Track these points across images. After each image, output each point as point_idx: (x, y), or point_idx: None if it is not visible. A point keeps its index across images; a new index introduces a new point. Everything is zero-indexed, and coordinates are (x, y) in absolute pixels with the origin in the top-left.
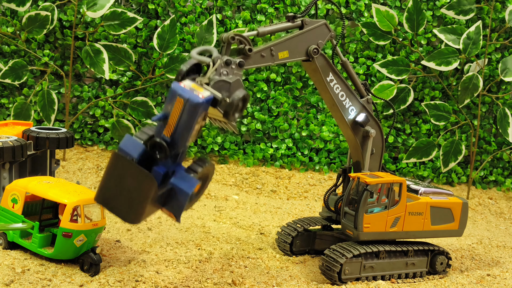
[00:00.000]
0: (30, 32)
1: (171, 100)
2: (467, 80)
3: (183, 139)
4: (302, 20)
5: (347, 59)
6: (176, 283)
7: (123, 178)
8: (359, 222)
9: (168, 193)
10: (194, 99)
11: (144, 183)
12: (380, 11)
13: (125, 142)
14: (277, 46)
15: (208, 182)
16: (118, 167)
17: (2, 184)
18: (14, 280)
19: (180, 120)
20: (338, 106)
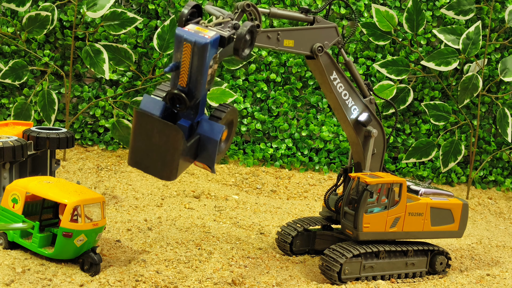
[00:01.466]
0: (30, 32)
1: (178, 47)
2: (466, 80)
3: (199, 85)
4: (314, 17)
5: (350, 59)
6: (176, 283)
7: (150, 135)
8: (359, 222)
9: (197, 145)
10: (201, 40)
11: (171, 135)
12: (379, 11)
13: (145, 101)
14: (284, 33)
15: (235, 128)
16: (143, 125)
17: (2, 184)
18: (14, 280)
19: (192, 66)
20: (341, 105)
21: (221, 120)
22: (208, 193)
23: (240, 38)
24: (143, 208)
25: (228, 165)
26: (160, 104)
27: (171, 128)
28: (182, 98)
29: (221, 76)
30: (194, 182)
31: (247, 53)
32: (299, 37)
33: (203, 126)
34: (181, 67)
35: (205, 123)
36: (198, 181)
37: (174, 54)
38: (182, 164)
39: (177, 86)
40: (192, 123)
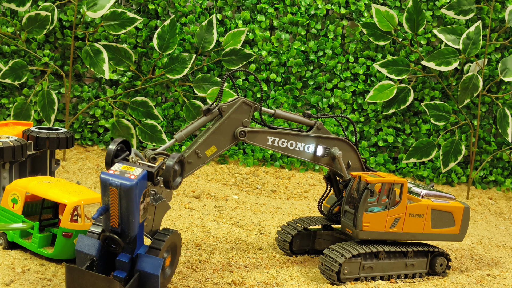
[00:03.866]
0: (30, 32)
1: (105, 191)
2: (467, 80)
3: (132, 224)
4: (218, 109)
5: (275, 109)
6: (176, 283)
7: None
8: (359, 221)
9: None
10: (126, 183)
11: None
12: (380, 11)
13: (80, 243)
14: (201, 147)
15: (179, 250)
16: (75, 279)
17: (2, 184)
18: (14, 280)
19: (121, 208)
20: (293, 155)
21: (159, 252)
22: (208, 193)
23: (168, 169)
24: None
25: (228, 165)
26: (96, 243)
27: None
28: (116, 240)
29: (221, 76)
30: (194, 182)
31: (178, 181)
32: (217, 138)
33: (142, 262)
34: (111, 210)
35: (144, 258)
36: (198, 181)
37: (102, 197)
38: None
39: (109, 227)
40: (131, 256)
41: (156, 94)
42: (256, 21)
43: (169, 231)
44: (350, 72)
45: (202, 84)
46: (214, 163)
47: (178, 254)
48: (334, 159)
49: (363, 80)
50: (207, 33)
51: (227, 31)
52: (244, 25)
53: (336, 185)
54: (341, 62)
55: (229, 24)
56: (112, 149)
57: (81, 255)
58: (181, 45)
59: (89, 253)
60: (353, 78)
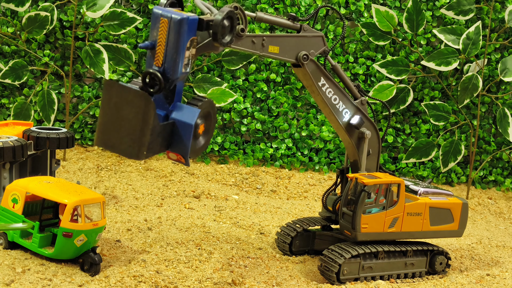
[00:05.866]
0: (30, 32)
1: (155, 24)
2: (466, 80)
3: (175, 65)
4: (301, 25)
5: (336, 63)
6: (176, 283)
7: (119, 107)
8: (357, 223)
9: (171, 131)
10: (178, 15)
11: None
12: (379, 12)
13: None
14: (270, 39)
15: (214, 122)
16: (112, 96)
17: (2, 184)
18: (14, 280)
19: (168, 43)
20: (332, 110)
21: (197, 106)
22: (208, 193)
23: (217, 23)
24: (143, 208)
25: (228, 165)
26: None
27: (142, 97)
28: (157, 77)
29: (221, 76)
30: (194, 182)
31: (227, 40)
32: (284, 44)
33: (177, 111)
34: (157, 46)
35: (179, 108)
36: (198, 181)
37: (150, 33)
38: (153, 144)
39: (152, 66)
40: (167, 113)
41: None
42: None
43: (205, 98)
44: (350, 72)
45: (202, 84)
46: (214, 163)
47: (213, 125)
48: (361, 140)
49: (362, 80)
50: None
51: None
52: None
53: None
54: (341, 62)
55: None
56: (163, 2)
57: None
58: None
59: None
60: (353, 78)
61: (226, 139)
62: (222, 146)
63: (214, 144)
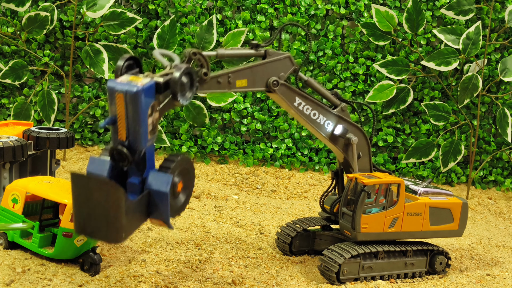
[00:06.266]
0: (30, 32)
1: (112, 100)
2: (466, 80)
3: (139, 136)
4: (265, 50)
5: (308, 77)
6: (176, 283)
7: (89, 197)
8: (357, 223)
9: (148, 201)
10: (132, 88)
11: (110, 193)
12: (379, 12)
13: (91, 164)
14: (235, 74)
15: (193, 176)
16: (79, 187)
17: (2, 184)
18: (14, 280)
19: (128, 116)
20: (313, 125)
21: (170, 170)
22: (208, 193)
23: (175, 81)
24: None
25: (228, 165)
26: (106, 164)
27: (109, 185)
28: (123, 153)
29: None
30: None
31: (188, 96)
32: (251, 75)
33: (150, 180)
34: (118, 121)
35: (152, 176)
36: (198, 181)
37: (109, 108)
38: (131, 224)
39: (117, 141)
40: (142, 179)
41: None
42: (256, 21)
43: (178, 155)
44: (350, 72)
45: None
46: (214, 163)
47: (192, 181)
48: (348, 146)
49: (363, 80)
50: (207, 33)
51: (227, 31)
52: (244, 25)
53: (342, 181)
54: (341, 62)
55: (229, 24)
56: (120, 64)
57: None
58: (181, 45)
59: (99, 174)
60: (353, 78)
61: (226, 139)
62: (222, 146)
63: (214, 144)
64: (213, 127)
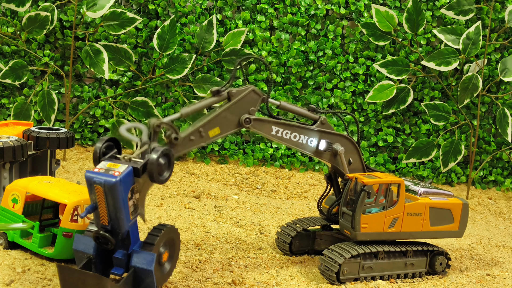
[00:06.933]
0: (30, 32)
1: (91, 190)
2: (466, 80)
3: (121, 221)
4: (228, 92)
5: (280, 101)
6: (176, 283)
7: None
8: (357, 223)
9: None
10: (110, 180)
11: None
12: (379, 12)
13: (77, 242)
14: (205, 126)
15: (178, 245)
16: (66, 277)
17: (2, 184)
18: (14, 280)
19: (109, 205)
20: (297, 147)
21: (154, 247)
22: (208, 193)
23: (153, 163)
24: None
25: (228, 165)
26: (92, 242)
27: (95, 278)
28: (107, 238)
29: (221, 76)
30: (194, 182)
31: (166, 176)
32: (222, 121)
33: (134, 258)
34: (99, 208)
35: (137, 254)
36: (198, 181)
37: (89, 195)
38: None
39: (100, 226)
40: (127, 253)
41: (156, 94)
42: (256, 21)
43: (164, 226)
44: (350, 72)
45: (202, 84)
46: (214, 163)
47: (177, 249)
48: (336, 155)
49: (363, 80)
50: (207, 33)
51: (227, 31)
52: (244, 25)
53: (337, 184)
54: (341, 62)
55: (229, 24)
56: (99, 147)
57: (79, 254)
58: (181, 45)
59: (86, 251)
60: (353, 78)
61: (226, 139)
62: (222, 146)
63: (214, 144)
64: None
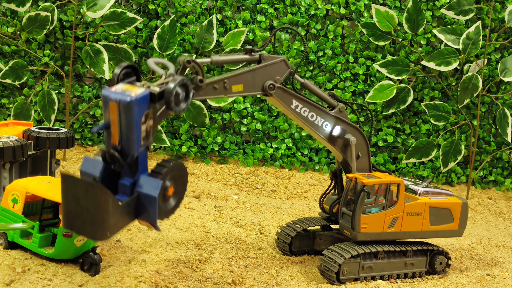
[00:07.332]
0: (30, 32)
1: (106, 107)
2: (466, 80)
3: (132, 143)
4: (260, 55)
5: (305, 79)
6: (176, 283)
7: (78, 197)
8: (356, 223)
9: (137, 203)
10: (125, 99)
11: (98, 196)
12: (379, 12)
13: (85, 164)
14: (231, 79)
15: (185, 182)
16: (69, 188)
17: (2, 184)
18: (14, 280)
19: (121, 124)
20: (311, 127)
21: (161, 176)
22: (208, 193)
23: (169, 91)
24: None
25: (228, 165)
26: (99, 164)
27: (97, 188)
28: (115, 157)
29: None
30: (194, 182)
31: (182, 107)
32: (247, 80)
33: (140, 183)
34: (112, 127)
35: (143, 180)
36: (198, 181)
37: (103, 114)
38: (117, 224)
39: (110, 145)
40: (133, 181)
41: None
42: (256, 21)
43: (173, 160)
44: (350, 72)
45: None
46: (214, 163)
47: (184, 186)
48: (347, 146)
49: (363, 80)
50: (207, 33)
51: (227, 31)
52: (244, 25)
53: (341, 182)
54: (341, 62)
55: (229, 24)
56: (117, 73)
57: (85, 176)
58: (181, 45)
59: (92, 173)
60: (353, 78)
61: (226, 139)
62: (222, 146)
63: (214, 144)
64: (213, 127)
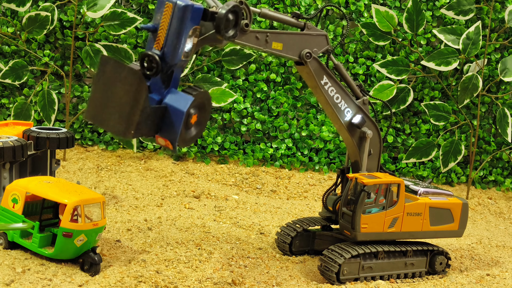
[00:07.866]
0: (30, 32)
1: (159, 9)
2: (466, 80)
3: (174, 50)
4: (305, 23)
5: (340, 62)
6: (176, 283)
7: (112, 83)
8: (356, 223)
9: (162, 116)
10: (183, 1)
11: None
12: (379, 12)
13: None
14: (274, 35)
15: (208, 114)
16: (106, 72)
17: (2, 184)
18: (14, 280)
19: (170, 28)
20: (334, 109)
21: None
22: (208, 193)
23: (222, 15)
24: (143, 208)
25: (228, 165)
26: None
27: (135, 75)
28: (155, 60)
29: (221, 76)
30: (194, 182)
31: (231, 34)
32: (288, 41)
33: (170, 96)
34: (159, 29)
35: (174, 93)
36: (198, 181)
37: (154, 15)
38: (142, 126)
39: (152, 49)
40: (162, 98)
41: None
42: (256, 21)
43: (201, 88)
44: (350, 72)
45: (202, 84)
46: (214, 163)
47: (206, 117)
48: (363, 139)
49: (363, 80)
50: None
51: None
52: None
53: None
54: (341, 62)
55: None
56: None
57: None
58: None
59: None
60: (353, 78)
61: (226, 139)
62: (222, 146)
63: (214, 144)
64: (213, 127)
